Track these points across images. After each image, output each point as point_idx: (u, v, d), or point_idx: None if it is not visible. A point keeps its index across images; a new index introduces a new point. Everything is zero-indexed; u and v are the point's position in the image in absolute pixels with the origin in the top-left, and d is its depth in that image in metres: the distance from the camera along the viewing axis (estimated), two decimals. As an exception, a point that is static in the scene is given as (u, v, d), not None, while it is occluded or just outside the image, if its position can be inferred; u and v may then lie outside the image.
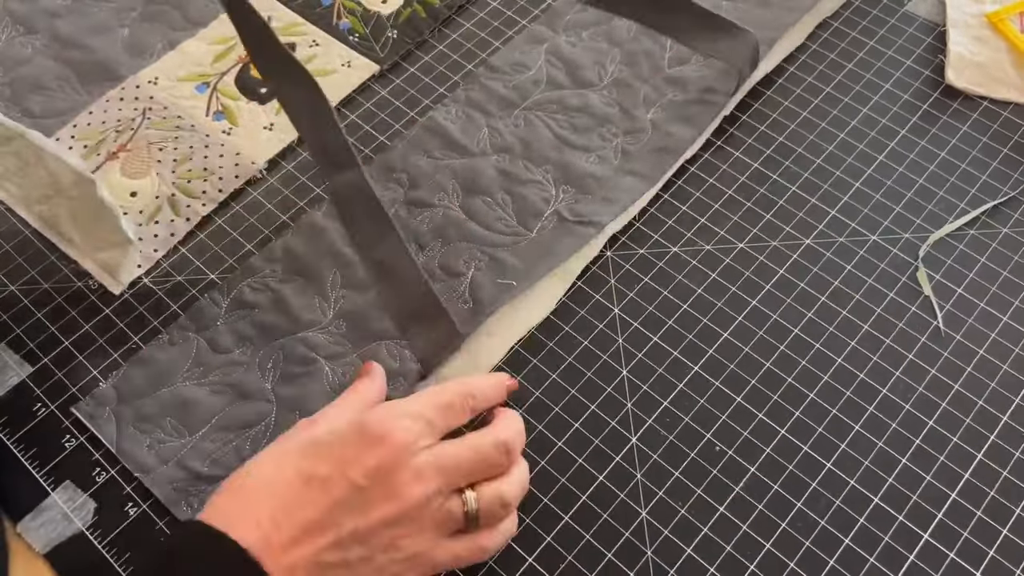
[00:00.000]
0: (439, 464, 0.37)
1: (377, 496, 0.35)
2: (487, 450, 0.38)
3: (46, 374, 0.46)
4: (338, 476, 0.36)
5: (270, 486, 0.36)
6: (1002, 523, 0.40)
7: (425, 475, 0.36)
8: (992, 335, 0.46)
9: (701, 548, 0.40)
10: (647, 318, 0.47)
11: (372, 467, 0.36)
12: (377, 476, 0.36)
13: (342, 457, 0.36)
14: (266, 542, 0.34)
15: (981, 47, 0.55)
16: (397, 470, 0.36)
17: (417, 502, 0.36)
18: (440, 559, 0.37)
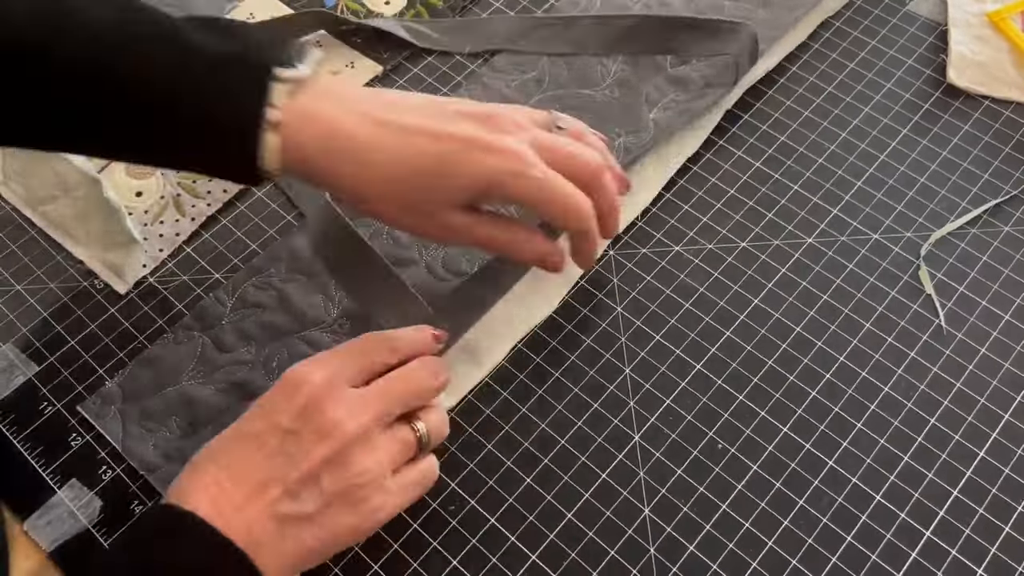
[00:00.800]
0: (366, 395, 0.37)
1: (311, 437, 0.36)
2: (419, 372, 0.39)
3: (52, 373, 0.46)
4: (269, 429, 0.36)
5: (211, 456, 0.36)
6: (1004, 520, 0.41)
7: (354, 407, 0.36)
8: (994, 333, 0.46)
9: (703, 546, 0.41)
10: (649, 317, 0.47)
11: (297, 410, 0.36)
12: (306, 416, 0.36)
13: (268, 410, 0.37)
14: (217, 507, 0.34)
15: (983, 46, 0.56)
16: (325, 405, 0.36)
17: (353, 435, 0.36)
18: (398, 500, 0.37)
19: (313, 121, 0.38)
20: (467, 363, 0.46)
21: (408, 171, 0.39)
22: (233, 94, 0.37)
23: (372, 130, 0.39)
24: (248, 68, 0.38)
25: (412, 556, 0.41)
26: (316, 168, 0.39)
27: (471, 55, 0.58)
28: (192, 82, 0.37)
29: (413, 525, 0.41)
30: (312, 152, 0.38)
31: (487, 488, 0.42)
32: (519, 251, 0.42)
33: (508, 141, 0.39)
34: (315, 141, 0.38)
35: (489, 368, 0.46)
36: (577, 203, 0.40)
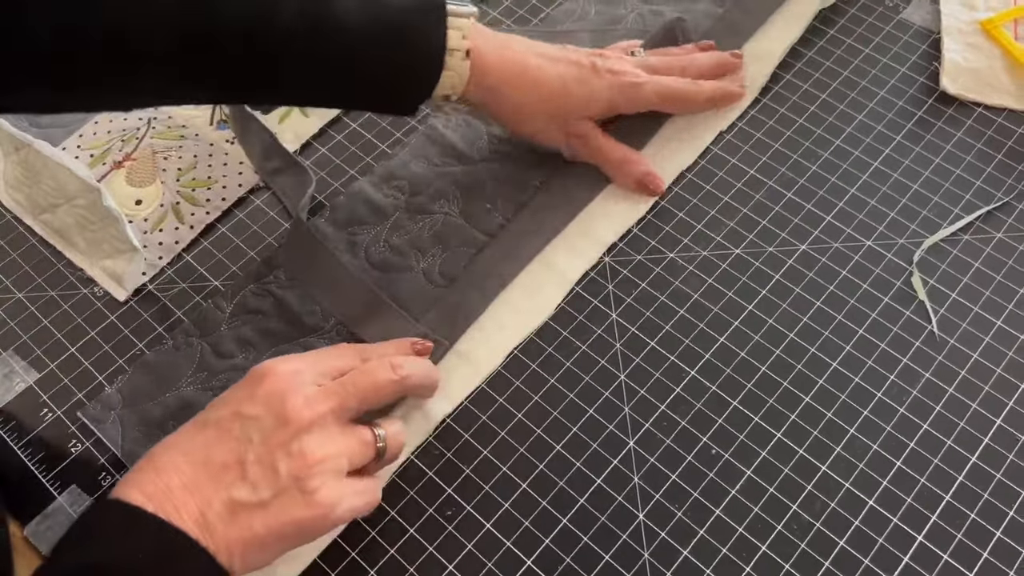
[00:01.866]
0: (326, 388, 0.38)
1: (271, 423, 0.36)
2: (376, 367, 0.40)
3: (53, 380, 0.47)
4: (232, 416, 0.37)
5: (172, 444, 0.37)
6: (996, 525, 0.41)
7: (315, 398, 0.37)
8: (986, 339, 0.46)
9: (698, 550, 0.41)
10: (645, 323, 0.47)
11: (262, 397, 0.37)
12: (269, 403, 0.37)
13: (232, 400, 0.38)
14: (167, 489, 0.34)
15: (975, 54, 0.56)
16: (286, 395, 0.37)
17: (311, 422, 0.37)
18: (352, 502, 0.37)
19: (492, 49, 0.47)
20: (463, 369, 0.46)
21: (561, 88, 0.50)
22: (424, 38, 0.44)
23: (535, 60, 0.49)
24: (435, 12, 0.45)
25: (408, 561, 0.41)
26: (492, 87, 0.48)
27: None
28: (393, 34, 0.43)
29: (410, 531, 0.42)
30: (493, 74, 0.47)
31: (483, 494, 0.43)
32: (623, 167, 0.51)
33: (623, 64, 0.52)
34: (495, 64, 0.47)
35: (485, 374, 0.46)
36: (684, 91, 0.52)
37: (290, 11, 0.41)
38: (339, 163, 0.54)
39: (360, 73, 0.44)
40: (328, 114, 0.56)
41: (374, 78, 0.44)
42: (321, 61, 0.43)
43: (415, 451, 0.44)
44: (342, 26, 0.42)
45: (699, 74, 0.53)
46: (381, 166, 0.54)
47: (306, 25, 0.41)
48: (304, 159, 0.55)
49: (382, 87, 0.45)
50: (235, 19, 0.40)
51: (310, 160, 0.55)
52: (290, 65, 0.42)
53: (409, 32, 0.44)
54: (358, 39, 0.43)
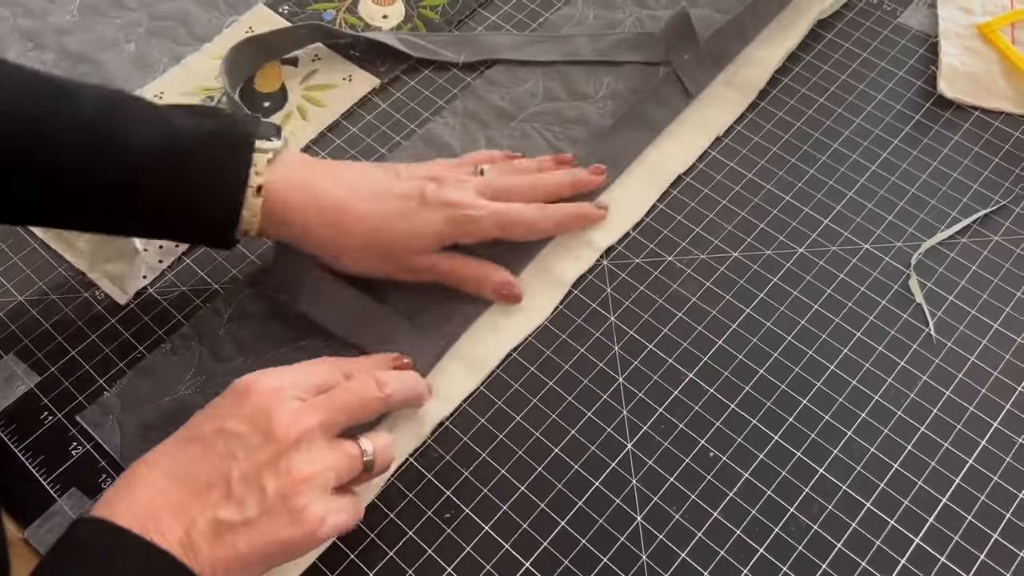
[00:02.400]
0: (311, 403, 0.38)
1: (256, 440, 0.36)
2: (364, 386, 0.39)
3: (53, 383, 0.47)
4: (215, 432, 0.36)
5: (152, 462, 0.36)
6: (992, 527, 0.41)
7: (301, 414, 0.37)
8: (983, 342, 0.46)
9: (695, 553, 0.41)
10: (642, 326, 0.48)
11: (247, 413, 0.36)
12: (253, 419, 0.36)
13: (215, 415, 0.37)
14: (153, 510, 0.34)
15: (972, 58, 0.56)
16: (271, 410, 0.36)
17: (297, 438, 0.36)
18: (339, 519, 0.37)
19: (294, 185, 0.44)
20: (460, 372, 0.46)
21: (385, 230, 0.45)
22: (217, 165, 0.42)
23: (346, 192, 0.45)
24: (231, 140, 0.43)
25: (407, 563, 0.41)
26: (298, 227, 0.45)
27: (466, 68, 0.59)
28: (180, 155, 0.42)
29: (408, 533, 0.42)
30: (295, 212, 0.44)
31: (481, 496, 0.43)
32: (480, 282, 0.47)
33: (459, 192, 0.47)
34: (297, 203, 0.44)
35: (482, 377, 0.46)
36: (531, 218, 0.48)
37: (66, 123, 0.41)
38: (339, 167, 0.55)
39: (144, 197, 0.42)
40: (327, 119, 0.56)
41: (159, 206, 0.43)
42: (100, 183, 0.42)
43: (413, 453, 0.44)
44: (123, 147, 0.41)
45: (551, 194, 0.49)
46: (380, 170, 0.54)
47: (82, 143, 0.41)
48: (304, 163, 0.55)
49: (170, 216, 0.43)
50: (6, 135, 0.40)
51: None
52: (68, 183, 0.42)
53: (196, 158, 0.42)
54: (140, 163, 0.42)
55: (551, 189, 0.49)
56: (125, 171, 0.42)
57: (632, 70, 0.57)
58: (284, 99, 0.57)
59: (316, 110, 0.57)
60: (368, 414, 0.40)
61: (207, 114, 0.44)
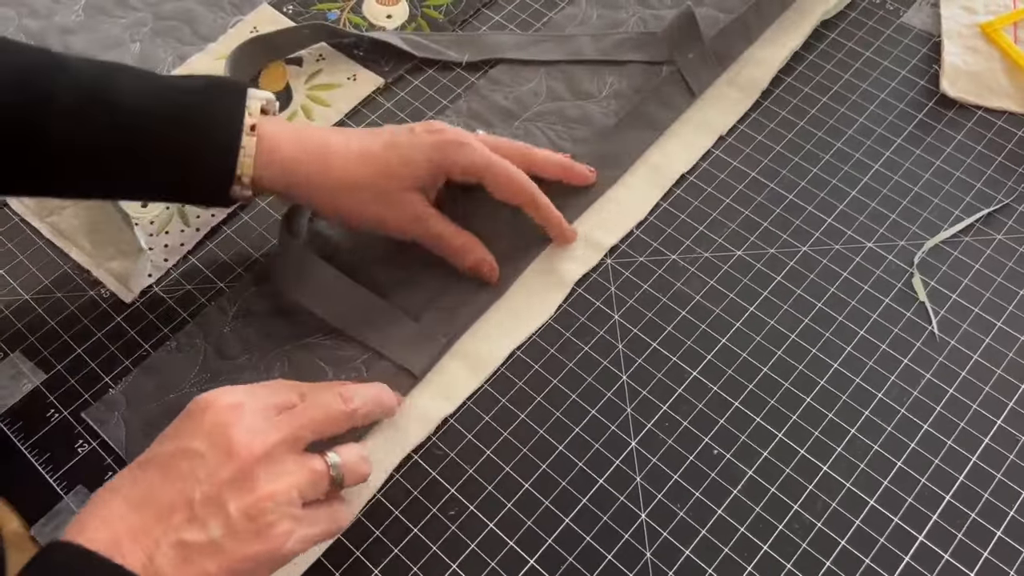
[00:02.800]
0: (279, 419, 0.37)
1: (218, 458, 0.35)
2: (329, 400, 0.39)
3: (59, 381, 0.47)
4: (177, 452, 0.35)
5: (117, 486, 0.35)
6: (996, 525, 0.41)
7: (261, 429, 0.36)
8: (986, 340, 0.46)
9: (699, 550, 0.41)
10: (646, 324, 0.48)
11: (206, 431, 0.35)
12: (213, 437, 0.35)
13: (177, 435, 0.36)
14: (115, 536, 0.33)
15: (975, 57, 0.56)
16: (231, 427, 0.35)
17: (260, 455, 0.35)
18: (306, 531, 0.36)
19: (283, 130, 0.45)
20: (463, 370, 0.46)
21: (372, 157, 0.45)
22: (212, 111, 0.43)
23: (337, 136, 0.46)
24: (226, 88, 0.44)
25: (412, 560, 0.41)
26: (288, 167, 0.44)
27: (470, 68, 0.59)
28: (176, 107, 0.42)
29: (413, 530, 0.42)
30: (285, 151, 0.44)
31: (486, 493, 0.43)
32: (463, 253, 0.48)
33: (447, 127, 0.47)
34: (287, 142, 0.44)
35: (485, 375, 0.46)
36: (516, 172, 0.47)
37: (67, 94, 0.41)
38: (343, 166, 0.55)
39: (142, 150, 0.42)
40: (331, 118, 0.57)
41: (159, 160, 0.43)
42: (102, 143, 0.42)
43: (418, 451, 0.44)
44: (121, 106, 0.42)
45: (541, 165, 0.50)
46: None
47: (82, 106, 0.41)
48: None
49: (168, 165, 0.43)
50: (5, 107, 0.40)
51: (314, 163, 0.55)
52: (69, 150, 0.42)
53: (191, 106, 0.43)
54: (138, 119, 0.42)
55: (542, 159, 0.50)
56: (121, 129, 0.42)
57: (635, 69, 0.57)
58: (289, 98, 0.57)
59: (320, 109, 0.57)
60: (335, 428, 0.39)
61: (198, 76, 0.45)
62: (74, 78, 0.42)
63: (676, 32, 0.56)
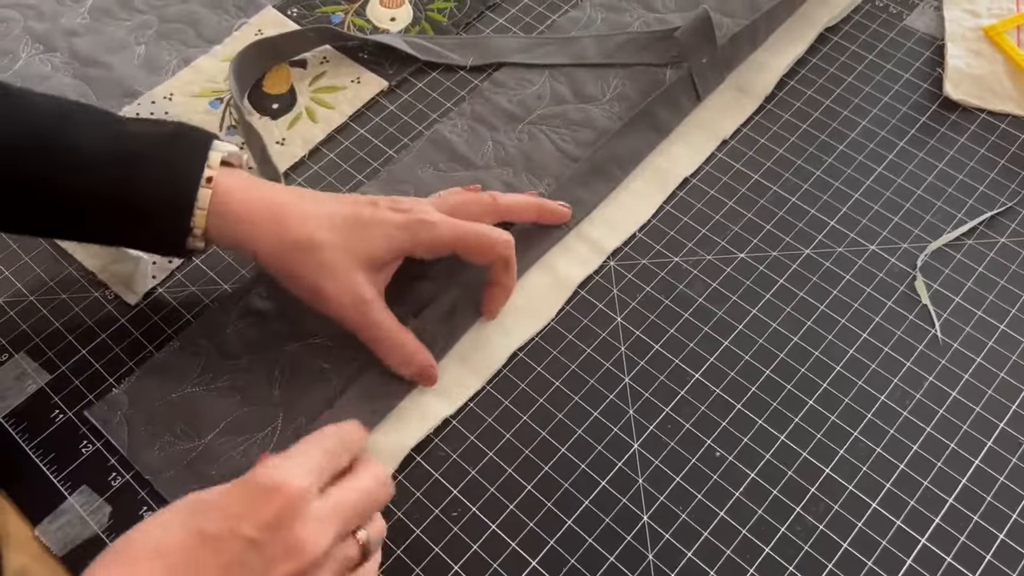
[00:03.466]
0: (335, 510, 0.35)
1: (276, 552, 0.32)
2: (375, 487, 0.37)
3: (64, 382, 0.47)
4: (229, 534, 0.32)
5: (156, 549, 0.33)
6: (999, 528, 0.41)
7: (325, 523, 0.34)
8: (989, 343, 0.46)
9: (701, 552, 0.41)
10: (649, 327, 0.48)
11: (267, 520, 0.33)
12: (273, 529, 0.33)
13: (231, 513, 0.33)
14: None
15: (979, 60, 0.56)
16: (295, 521, 0.33)
17: (320, 553, 0.33)
18: None
19: (240, 185, 0.43)
20: (463, 371, 0.46)
21: (328, 224, 0.43)
22: (171, 161, 0.42)
23: (292, 197, 0.44)
24: (190, 138, 0.43)
25: (414, 562, 0.41)
26: (243, 225, 0.43)
27: (474, 71, 0.59)
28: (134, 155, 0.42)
29: (416, 531, 0.42)
30: (239, 206, 0.43)
31: (488, 495, 0.43)
32: (405, 355, 0.45)
33: (412, 204, 0.45)
34: (242, 199, 0.43)
35: (485, 377, 0.46)
36: (489, 232, 0.45)
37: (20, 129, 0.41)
38: (347, 168, 0.55)
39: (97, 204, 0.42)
40: (335, 120, 0.57)
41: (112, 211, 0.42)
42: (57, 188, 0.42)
43: (420, 452, 0.44)
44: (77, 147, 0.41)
45: (511, 210, 0.48)
46: (386, 171, 0.54)
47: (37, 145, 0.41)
48: (313, 164, 0.55)
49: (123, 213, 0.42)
50: None
51: (318, 165, 0.55)
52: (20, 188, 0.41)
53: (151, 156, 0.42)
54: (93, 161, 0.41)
55: (509, 205, 0.48)
56: (78, 173, 0.41)
57: (638, 72, 0.57)
58: (293, 101, 0.58)
59: (325, 112, 0.57)
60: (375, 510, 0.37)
61: (166, 123, 0.45)
62: (35, 117, 0.42)
63: (691, 34, 0.56)
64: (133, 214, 0.42)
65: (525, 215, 0.49)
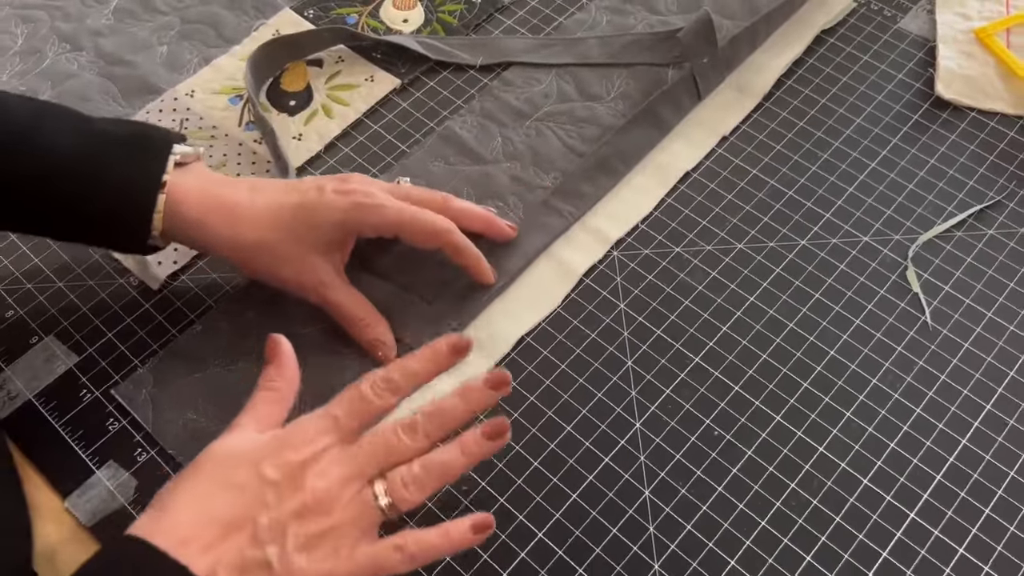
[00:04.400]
0: (343, 454, 0.38)
1: (286, 489, 0.37)
2: (386, 434, 0.39)
3: (91, 363, 0.50)
4: (253, 477, 0.37)
5: (188, 496, 0.37)
6: (984, 503, 0.43)
7: (330, 467, 0.38)
8: (977, 329, 0.48)
9: (700, 525, 0.43)
10: (651, 313, 0.50)
11: (282, 463, 0.37)
12: (287, 471, 0.37)
13: (256, 460, 0.38)
14: (184, 545, 0.35)
15: (969, 61, 0.58)
16: (306, 464, 0.37)
17: (323, 493, 0.37)
18: (360, 561, 0.37)
19: (193, 186, 0.46)
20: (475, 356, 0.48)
21: (279, 219, 0.46)
22: (132, 162, 0.45)
23: (246, 195, 0.47)
24: (151, 139, 0.46)
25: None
26: (195, 225, 0.46)
27: (483, 70, 0.61)
28: (98, 153, 0.44)
29: (427, 504, 0.44)
30: (192, 209, 0.45)
31: (497, 471, 0.45)
32: (361, 327, 0.48)
33: (359, 184, 0.47)
34: (195, 201, 0.45)
35: (494, 361, 0.48)
36: (432, 218, 0.47)
37: None
38: (361, 162, 0.57)
39: (59, 192, 0.44)
40: (350, 117, 0.59)
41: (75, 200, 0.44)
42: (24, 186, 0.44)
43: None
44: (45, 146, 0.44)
45: (460, 215, 0.49)
46: (399, 165, 0.56)
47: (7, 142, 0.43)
48: (328, 158, 0.57)
49: (85, 211, 0.45)
50: None
51: (334, 159, 0.57)
52: None
53: (113, 154, 0.44)
54: (59, 159, 0.44)
55: (461, 208, 0.49)
56: (42, 169, 0.44)
57: (641, 71, 0.59)
58: (310, 98, 0.60)
59: (340, 108, 0.59)
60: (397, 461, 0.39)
61: (133, 123, 0.47)
62: (8, 116, 0.44)
63: (693, 36, 0.58)
64: (95, 218, 0.45)
65: (473, 224, 0.50)
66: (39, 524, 0.45)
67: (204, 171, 0.47)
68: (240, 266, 0.48)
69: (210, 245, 0.47)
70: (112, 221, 0.45)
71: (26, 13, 0.65)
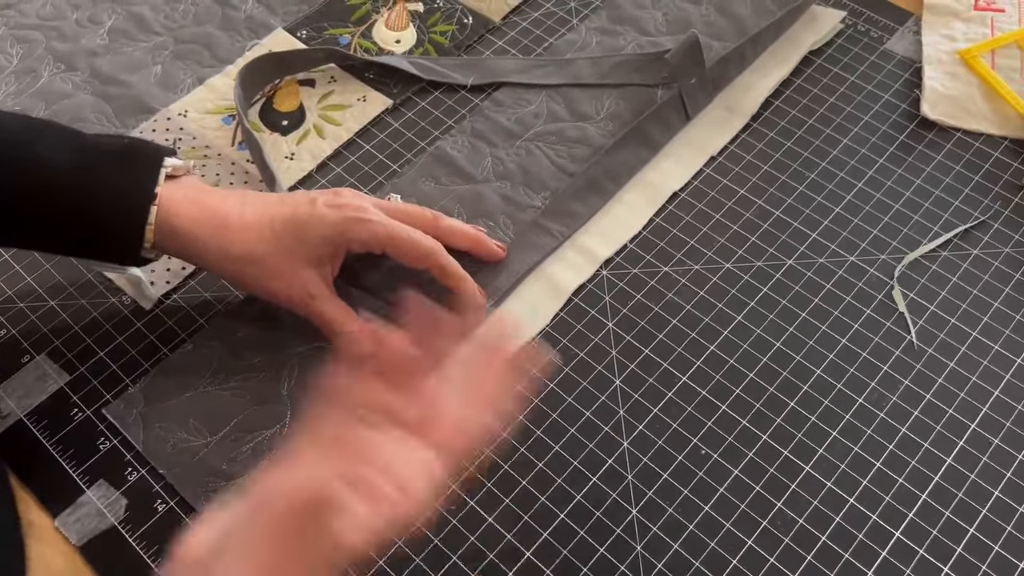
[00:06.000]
0: None
1: None
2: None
3: (82, 382, 0.50)
4: None
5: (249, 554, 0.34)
6: (969, 522, 0.43)
7: None
8: (962, 349, 0.49)
9: (687, 544, 0.43)
10: (639, 332, 0.50)
11: None
12: None
13: None
14: None
15: (954, 82, 0.59)
16: None
17: None
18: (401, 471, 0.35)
19: (184, 199, 0.46)
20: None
21: (269, 233, 0.46)
22: (124, 175, 0.45)
23: (237, 207, 0.47)
24: (144, 153, 0.46)
25: (415, 553, 0.44)
26: (186, 237, 0.46)
27: (474, 90, 0.62)
28: (89, 167, 0.45)
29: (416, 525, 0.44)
30: (182, 221, 0.46)
31: (485, 490, 0.45)
32: (342, 341, 0.47)
33: (351, 199, 0.48)
34: (185, 213, 0.46)
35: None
36: (420, 239, 0.48)
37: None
38: (353, 181, 0.58)
39: (52, 206, 0.45)
40: (342, 136, 0.60)
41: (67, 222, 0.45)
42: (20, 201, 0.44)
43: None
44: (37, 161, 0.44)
45: (449, 233, 0.50)
46: (390, 184, 0.57)
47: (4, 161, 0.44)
48: (320, 177, 0.58)
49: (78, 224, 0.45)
50: None
51: (326, 179, 0.58)
52: None
53: (105, 168, 0.45)
54: (52, 174, 0.44)
55: (450, 226, 0.50)
56: (35, 183, 0.44)
57: (631, 92, 0.60)
58: (302, 118, 0.60)
59: (332, 128, 0.60)
60: None
61: (124, 137, 0.47)
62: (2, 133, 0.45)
63: (681, 57, 0.59)
64: (87, 230, 0.45)
65: (460, 242, 0.50)
66: (30, 542, 0.45)
67: (196, 183, 0.48)
68: (230, 278, 0.49)
69: (201, 256, 0.47)
70: (105, 233, 0.46)
71: (21, 33, 0.66)
